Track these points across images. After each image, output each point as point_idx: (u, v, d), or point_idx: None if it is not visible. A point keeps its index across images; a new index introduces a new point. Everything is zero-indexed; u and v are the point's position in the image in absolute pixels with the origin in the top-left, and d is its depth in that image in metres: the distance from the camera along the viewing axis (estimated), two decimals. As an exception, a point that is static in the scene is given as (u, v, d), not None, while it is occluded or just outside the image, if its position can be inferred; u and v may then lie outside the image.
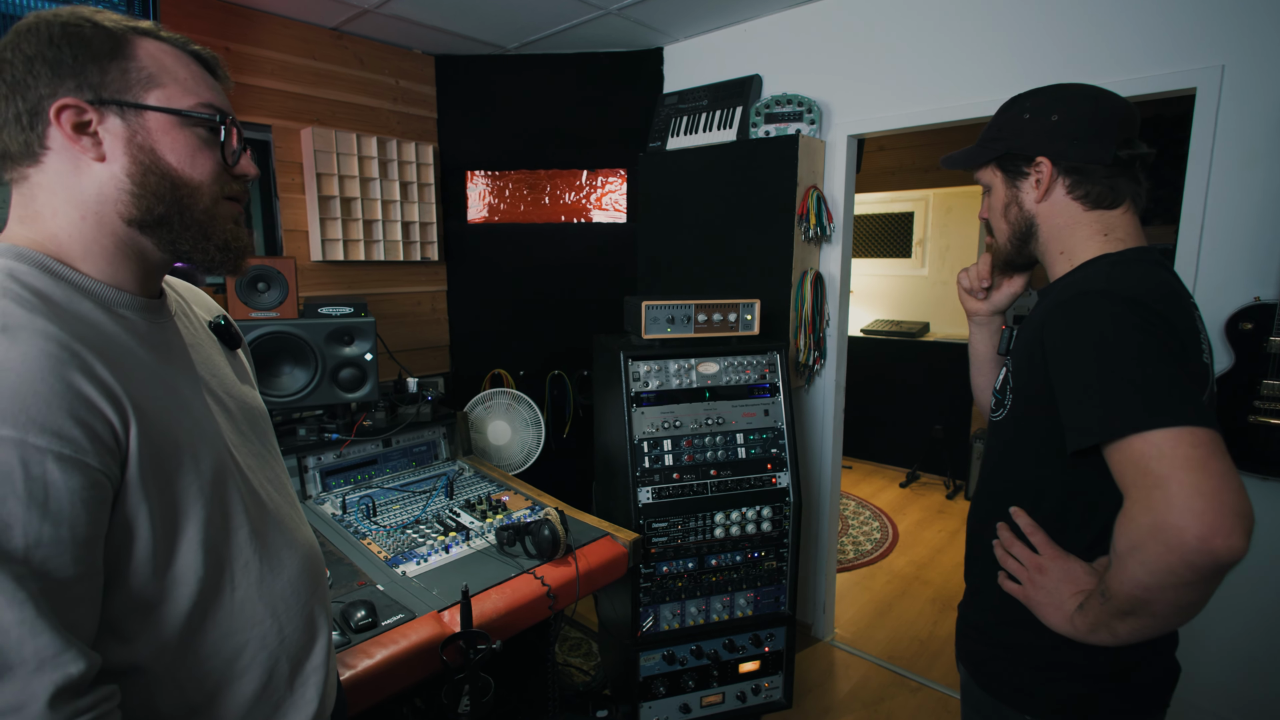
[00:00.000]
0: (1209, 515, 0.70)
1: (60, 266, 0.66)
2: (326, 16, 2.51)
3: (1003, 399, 1.01)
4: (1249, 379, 1.68)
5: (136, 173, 0.68)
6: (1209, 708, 1.88)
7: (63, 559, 0.57)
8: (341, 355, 1.98)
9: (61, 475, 0.56)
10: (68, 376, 0.58)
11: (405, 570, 1.61)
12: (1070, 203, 0.96)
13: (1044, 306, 0.94)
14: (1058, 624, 0.90)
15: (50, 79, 0.64)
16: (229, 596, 0.72)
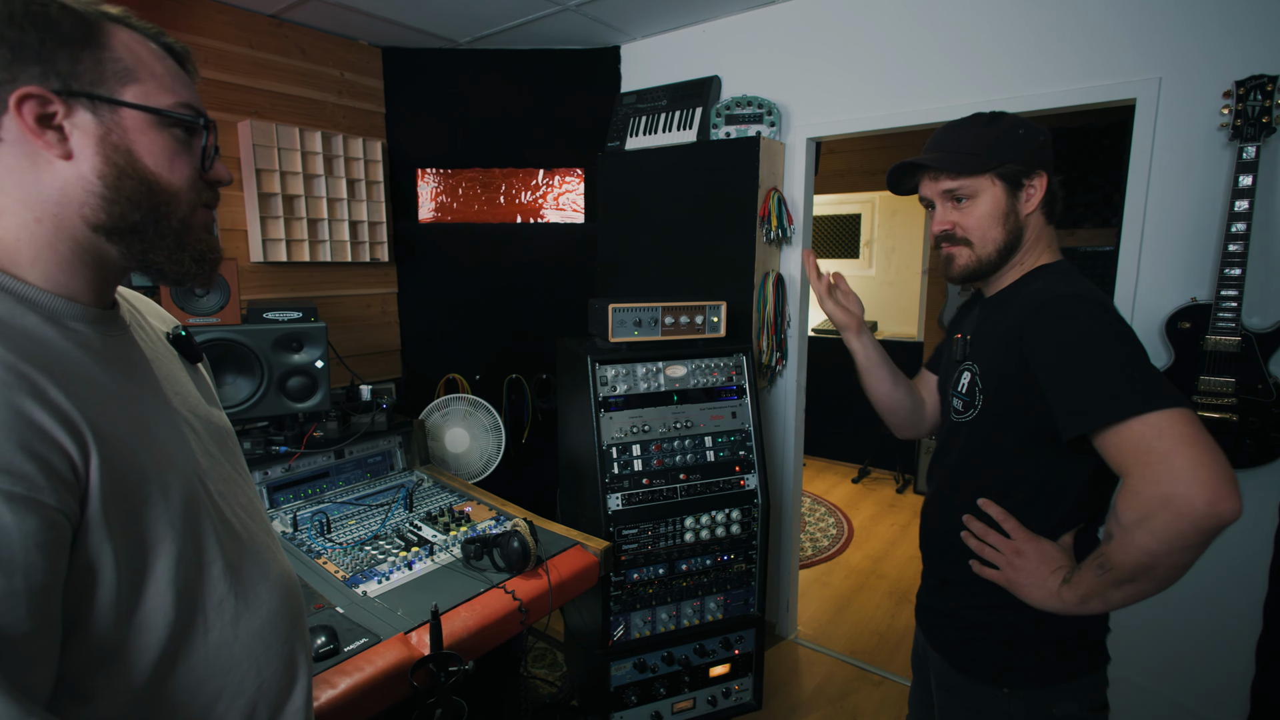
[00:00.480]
0: (1213, 483, 0.78)
1: (1, 275, 0.57)
2: (266, 3, 2.37)
3: (972, 400, 1.07)
4: (1187, 376, 1.77)
5: (110, 174, 0.60)
6: (1150, 686, 1.98)
7: (16, 613, 0.49)
8: (290, 363, 1.87)
9: (13, 518, 0.48)
10: (16, 403, 0.50)
11: (366, 590, 1.53)
12: (1040, 216, 1.07)
13: (1013, 313, 1.02)
14: (1041, 600, 0.97)
15: (8, 63, 0.56)
16: (201, 640, 0.65)
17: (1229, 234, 1.67)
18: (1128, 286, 1.89)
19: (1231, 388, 1.72)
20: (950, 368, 1.18)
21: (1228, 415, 1.73)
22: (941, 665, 1.15)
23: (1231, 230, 1.67)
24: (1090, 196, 3.85)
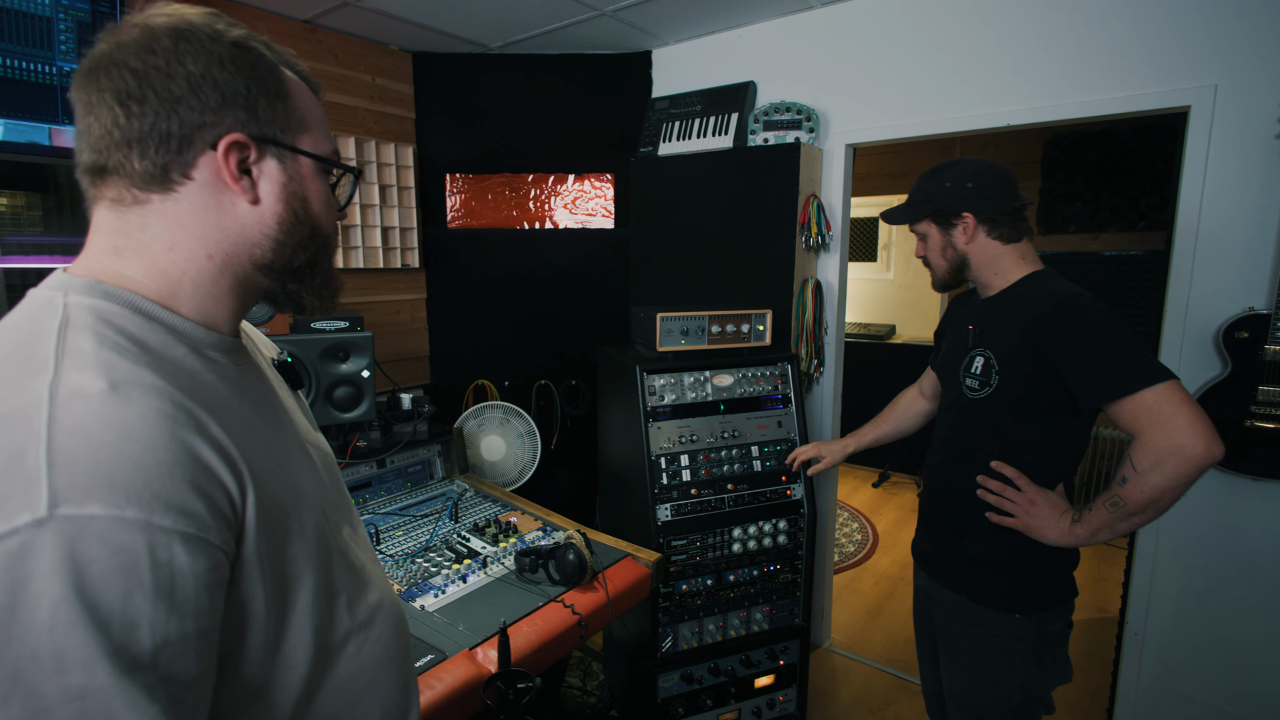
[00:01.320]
0: (1207, 435, 1.07)
1: (152, 306, 0.56)
2: (301, 8, 2.35)
3: (987, 380, 1.30)
4: (1244, 386, 1.75)
5: (287, 220, 0.61)
6: (1205, 699, 1.97)
7: (187, 658, 0.47)
8: (337, 373, 1.85)
9: (188, 559, 0.47)
10: (186, 440, 0.49)
11: (423, 604, 1.51)
12: (990, 241, 1.33)
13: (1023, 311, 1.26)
14: (1056, 538, 1.23)
15: (219, 106, 0.56)
16: (332, 674, 0.63)
17: (1289, 243, 1.66)
18: (1180, 295, 1.88)
19: (1290, 398, 1.70)
20: (957, 354, 1.39)
21: (1285, 425, 1.71)
22: (957, 600, 1.38)
23: (1291, 239, 1.66)
24: (1116, 200, 3.85)
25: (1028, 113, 2.05)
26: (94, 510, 0.43)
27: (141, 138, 0.55)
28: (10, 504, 0.42)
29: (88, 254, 0.59)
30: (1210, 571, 1.92)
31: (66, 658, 0.42)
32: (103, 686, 0.43)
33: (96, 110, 0.55)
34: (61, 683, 0.42)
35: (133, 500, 0.44)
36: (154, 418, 0.48)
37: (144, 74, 0.54)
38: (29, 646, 0.41)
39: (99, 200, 0.59)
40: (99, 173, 0.57)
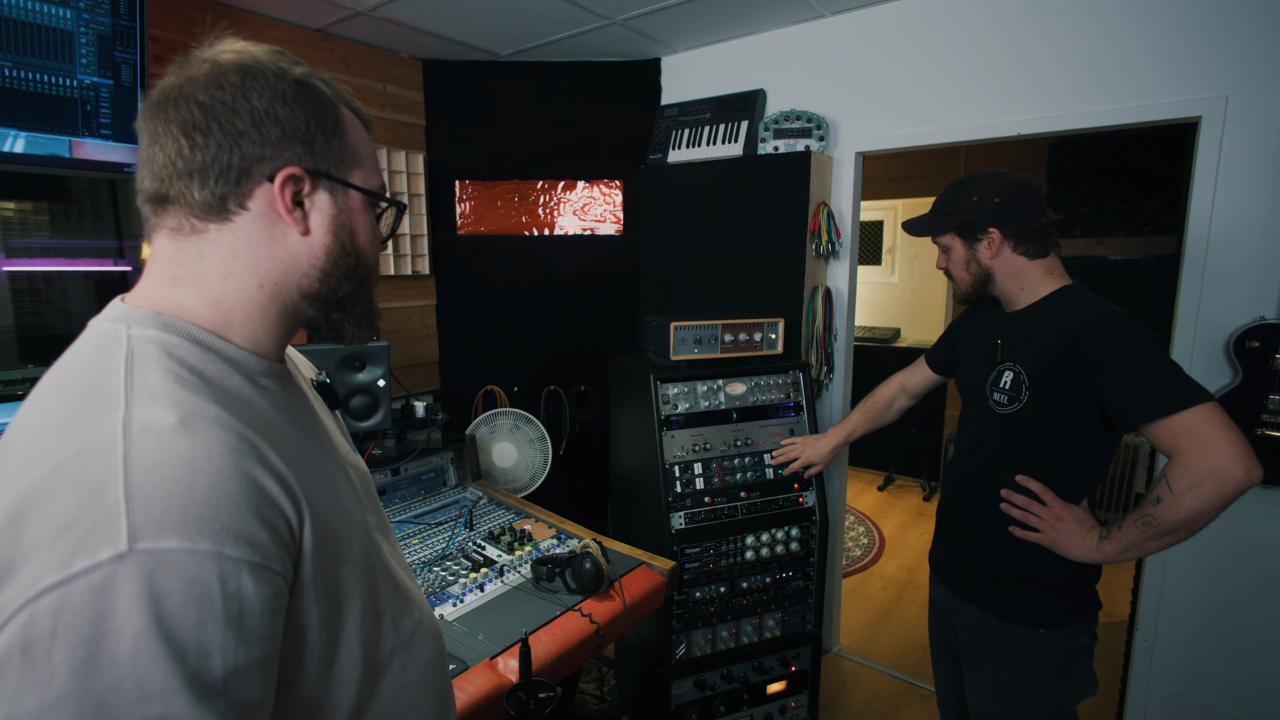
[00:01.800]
0: (1246, 458, 1.06)
1: (208, 337, 0.58)
2: (314, 18, 2.37)
3: (1017, 395, 1.30)
4: (1255, 394, 1.77)
5: (335, 251, 0.62)
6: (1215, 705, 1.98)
7: (253, 683, 0.49)
8: (353, 382, 1.86)
9: (254, 588, 0.48)
10: (250, 472, 0.50)
11: (443, 613, 1.52)
12: (1015, 257, 1.32)
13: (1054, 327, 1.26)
14: (1082, 555, 1.22)
15: (279, 140, 0.57)
16: (379, 691, 0.64)
17: (1300, 253, 1.67)
18: (1190, 303, 1.89)
19: (1301, 407, 1.71)
20: (983, 367, 1.39)
21: (1296, 434, 1.73)
22: (980, 616, 1.38)
23: (1302, 249, 1.67)
24: (1121, 205, 3.86)
25: (1037, 122, 2.06)
26: (170, 544, 0.45)
27: (203, 169, 0.56)
28: (93, 539, 0.43)
29: (146, 283, 0.60)
30: (1222, 579, 1.93)
31: (148, 687, 0.43)
32: (181, 714, 0.44)
33: (162, 140, 0.57)
34: (143, 711, 0.43)
35: (205, 533, 0.46)
36: (220, 450, 0.49)
37: (210, 108, 0.56)
38: (113, 677, 0.43)
39: (159, 229, 0.60)
40: (160, 201, 0.59)
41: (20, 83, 1.54)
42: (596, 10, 2.34)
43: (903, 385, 1.79)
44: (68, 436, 0.48)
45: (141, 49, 1.71)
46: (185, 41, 2.11)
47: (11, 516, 0.45)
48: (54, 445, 0.47)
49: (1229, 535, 1.90)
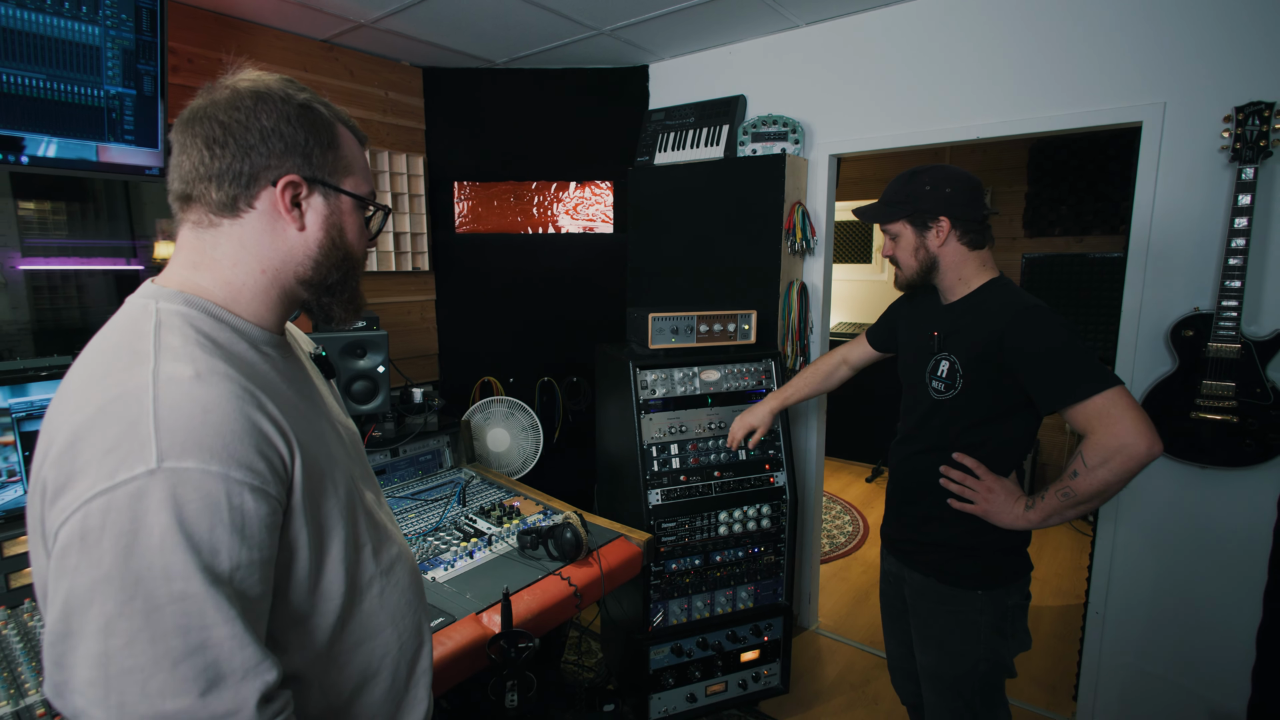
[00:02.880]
0: (1149, 435, 1.19)
1: (221, 311, 0.72)
2: (319, 29, 2.52)
3: (953, 383, 1.42)
4: (1190, 380, 1.90)
5: (326, 244, 0.76)
6: (1162, 674, 2.11)
7: (253, 579, 0.63)
8: (354, 368, 2.02)
9: (254, 504, 0.62)
10: (251, 415, 0.64)
11: (434, 576, 1.67)
12: (959, 246, 1.43)
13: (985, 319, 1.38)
14: (1010, 522, 1.37)
15: (282, 153, 0.71)
16: (359, 609, 0.79)
17: (1229, 249, 1.80)
18: (1134, 296, 2.02)
19: (1232, 391, 1.84)
20: (921, 357, 1.51)
21: (1229, 417, 1.85)
22: (925, 582, 1.51)
23: (1231, 245, 1.80)
24: (1099, 205, 3.98)
25: (997, 126, 2.20)
26: (189, 464, 0.59)
27: (220, 174, 0.71)
28: (131, 458, 0.58)
29: (173, 268, 0.75)
30: (1164, 554, 2.06)
31: (171, 570, 0.58)
32: (197, 593, 0.59)
33: (189, 150, 0.71)
34: (168, 588, 0.58)
35: (215, 458, 0.60)
36: (228, 397, 0.63)
37: (228, 125, 0.70)
38: (146, 561, 0.58)
39: (184, 222, 0.75)
40: (186, 200, 0.73)
41: (54, 93, 1.69)
42: (585, 22, 2.49)
43: (844, 357, 1.90)
44: (111, 384, 0.62)
45: (161, 61, 1.86)
46: (201, 54, 2.27)
47: (70, 442, 0.60)
48: (100, 390, 0.62)
49: (1174, 513, 2.03)
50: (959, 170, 1.43)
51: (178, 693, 0.57)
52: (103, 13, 1.72)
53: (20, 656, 1.27)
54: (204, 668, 0.58)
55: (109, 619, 0.57)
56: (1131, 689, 2.16)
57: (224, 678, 0.59)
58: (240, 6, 2.28)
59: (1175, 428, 1.93)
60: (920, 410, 1.51)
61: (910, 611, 1.58)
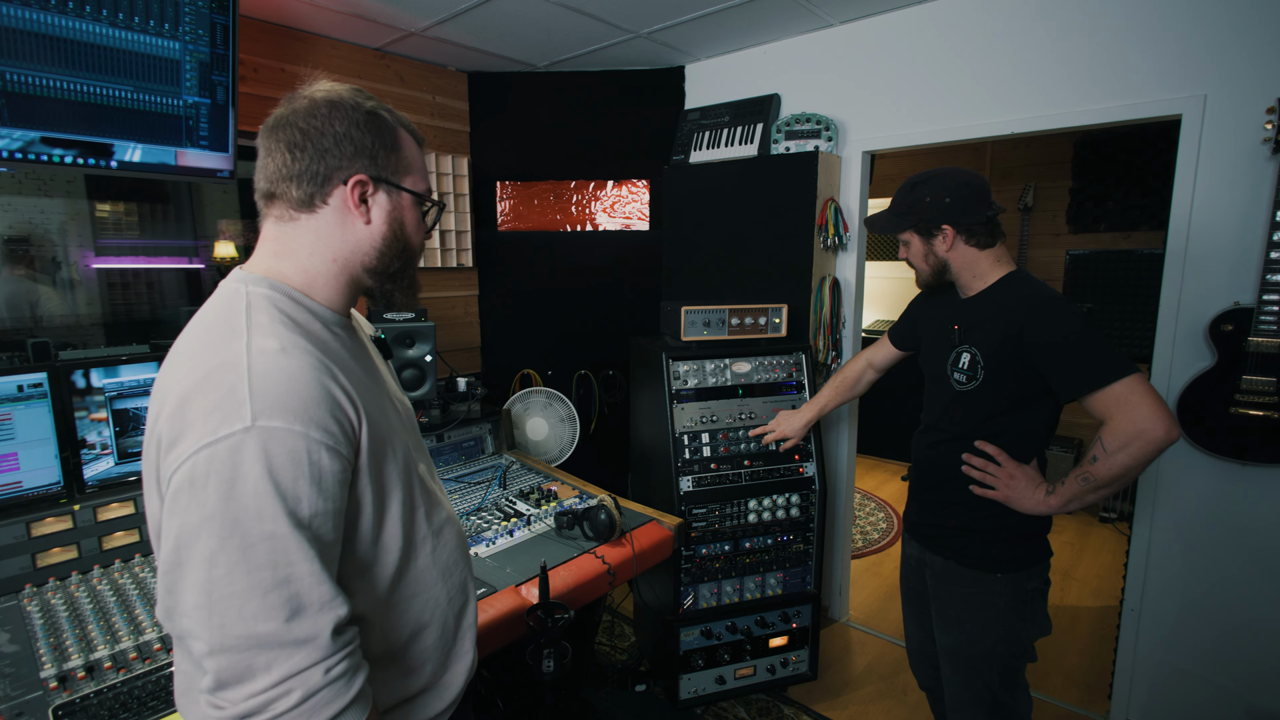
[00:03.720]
0: (1166, 420, 1.24)
1: (300, 295, 0.83)
2: (373, 38, 2.67)
3: (974, 374, 1.47)
4: (1229, 375, 1.88)
5: (389, 236, 0.86)
6: (1198, 672, 2.08)
7: (327, 527, 0.73)
8: (405, 357, 2.15)
9: (330, 462, 0.72)
10: (326, 384, 0.74)
11: (477, 552, 1.78)
12: (968, 248, 1.48)
13: (1004, 312, 1.42)
14: (1032, 508, 1.41)
15: (352, 155, 0.81)
16: (414, 564, 0.89)
17: (1271, 242, 1.78)
18: (1173, 290, 2.01)
19: (1273, 387, 1.82)
20: (942, 350, 1.56)
21: (1270, 413, 1.83)
22: (946, 565, 1.55)
23: (1274, 239, 1.78)
24: (1146, 200, 3.88)
25: (1032, 121, 2.20)
26: (277, 424, 0.69)
27: (299, 175, 0.81)
28: (230, 417, 0.69)
29: (258, 256, 0.86)
30: (1202, 551, 2.04)
31: (263, 512, 0.68)
32: (284, 533, 0.69)
33: (273, 154, 0.82)
34: (260, 527, 0.68)
35: (298, 419, 0.70)
36: (307, 368, 0.73)
37: (306, 132, 0.80)
38: (242, 503, 0.68)
39: (268, 217, 0.85)
40: (270, 197, 0.84)
41: (140, 103, 1.86)
42: (623, 25, 2.58)
43: (870, 361, 1.96)
44: (212, 355, 0.73)
45: (233, 72, 2.02)
46: (266, 63, 2.44)
47: (180, 403, 0.71)
48: (204, 360, 0.73)
49: (1212, 510, 2.00)
50: (959, 175, 1.47)
51: (267, 617, 0.68)
52: (183, 29, 1.88)
53: (114, 608, 1.42)
54: (289, 598, 0.69)
55: (212, 551, 0.67)
56: (1167, 687, 2.14)
57: (305, 608, 0.69)
58: (301, 19, 2.44)
59: (1214, 423, 1.91)
60: (943, 401, 1.56)
61: (931, 595, 1.63)
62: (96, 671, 1.24)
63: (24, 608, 1.41)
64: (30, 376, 1.53)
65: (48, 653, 1.28)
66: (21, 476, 1.54)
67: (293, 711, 0.68)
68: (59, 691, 1.18)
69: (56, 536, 1.54)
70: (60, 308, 2.07)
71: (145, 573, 1.56)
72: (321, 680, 0.70)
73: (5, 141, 1.66)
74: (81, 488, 1.61)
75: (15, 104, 1.66)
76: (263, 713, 0.67)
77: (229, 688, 0.68)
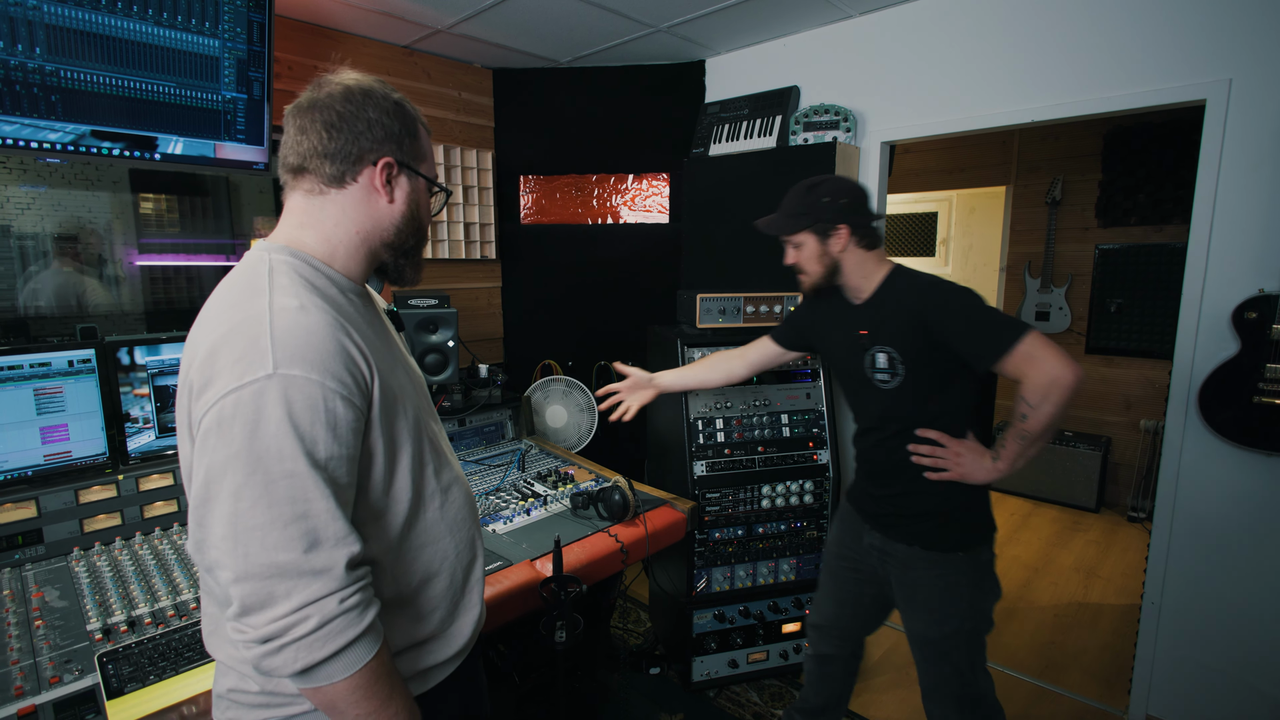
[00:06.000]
0: (1071, 365, 1.33)
1: (318, 263, 0.89)
2: (401, 36, 2.76)
3: (894, 370, 1.52)
4: (1253, 363, 1.85)
5: (407, 216, 0.94)
6: (1218, 666, 2.05)
7: (341, 470, 0.79)
8: (427, 342, 2.22)
9: (344, 410, 0.78)
10: (341, 340, 0.80)
11: (495, 529, 1.84)
12: (857, 249, 1.56)
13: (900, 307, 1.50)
14: (985, 477, 1.47)
15: (382, 139, 0.89)
16: (423, 516, 0.94)
17: (1296, 228, 1.75)
18: (1196, 278, 1.98)
19: (1299, 375, 1.79)
20: (854, 355, 1.61)
21: (1295, 402, 1.80)
22: (910, 551, 1.58)
23: (1299, 224, 1.75)
24: (1179, 192, 3.80)
25: (1052, 109, 2.19)
26: (296, 372, 0.75)
27: (334, 153, 0.88)
28: (254, 365, 0.75)
29: (283, 227, 0.92)
30: (1226, 544, 2.01)
31: (284, 451, 0.74)
32: (302, 472, 0.75)
33: (308, 132, 0.88)
34: (281, 465, 0.74)
35: (315, 369, 0.76)
36: (324, 324, 0.80)
37: (343, 114, 0.87)
38: (265, 443, 0.74)
39: (295, 189, 0.91)
40: (299, 171, 0.90)
41: (182, 98, 1.96)
42: (644, 20, 2.62)
43: (742, 355, 1.96)
44: (238, 311, 0.80)
45: (269, 69, 2.11)
46: (299, 61, 2.54)
47: (210, 352, 0.77)
48: (230, 315, 0.80)
49: (1236, 502, 1.97)
50: (850, 181, 1.60)
51: (287, 548, 0.74)
52: (222, 27, 1.98)
53: (154, 571, 1.51)
54: (306, 531, 0.75)
55: (238, 486, 0.73)
56: (1188, 681, 2.11)
57: (321, 541, 0.75)
58: (333, 17, 2.53)
59: (1236, 413, 1.89)
60: (874, 402, 1.60)
61: (896, 585, 1.65)
62: (137, 625, 1.32)
63: (72, 569, 1.51)
64: (80, 353, 1.64)
65: (94, 608, 1.37)
66: (71, 446, 1.64)
67: (309, 636, 0.74)
68: (103, 642, 1.27)
69: (102, 504, 1.64)
70: (105, 300, 2.19)
71: (183, 540, 1.65)
72: (336, 609, 0.75)
73: (58, 135, 1.77)
74: (125, 459, 1.71)
75: (68, 99, 1.76)
76: (283, 636, 0.73)
77: (252, 613, 0.74)
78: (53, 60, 1.71)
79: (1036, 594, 3.13)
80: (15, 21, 1.65)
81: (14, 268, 2.00)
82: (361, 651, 0.78)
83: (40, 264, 2.05)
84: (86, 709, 1.11)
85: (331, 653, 0.75)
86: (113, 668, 1.19)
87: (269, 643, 0.74)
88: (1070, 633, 2.80)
